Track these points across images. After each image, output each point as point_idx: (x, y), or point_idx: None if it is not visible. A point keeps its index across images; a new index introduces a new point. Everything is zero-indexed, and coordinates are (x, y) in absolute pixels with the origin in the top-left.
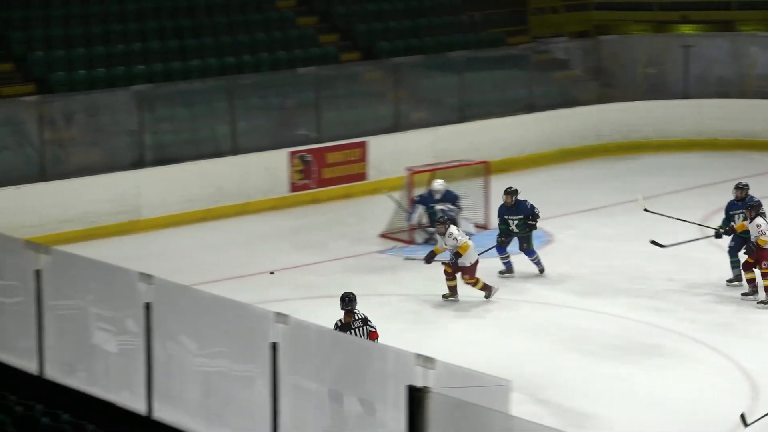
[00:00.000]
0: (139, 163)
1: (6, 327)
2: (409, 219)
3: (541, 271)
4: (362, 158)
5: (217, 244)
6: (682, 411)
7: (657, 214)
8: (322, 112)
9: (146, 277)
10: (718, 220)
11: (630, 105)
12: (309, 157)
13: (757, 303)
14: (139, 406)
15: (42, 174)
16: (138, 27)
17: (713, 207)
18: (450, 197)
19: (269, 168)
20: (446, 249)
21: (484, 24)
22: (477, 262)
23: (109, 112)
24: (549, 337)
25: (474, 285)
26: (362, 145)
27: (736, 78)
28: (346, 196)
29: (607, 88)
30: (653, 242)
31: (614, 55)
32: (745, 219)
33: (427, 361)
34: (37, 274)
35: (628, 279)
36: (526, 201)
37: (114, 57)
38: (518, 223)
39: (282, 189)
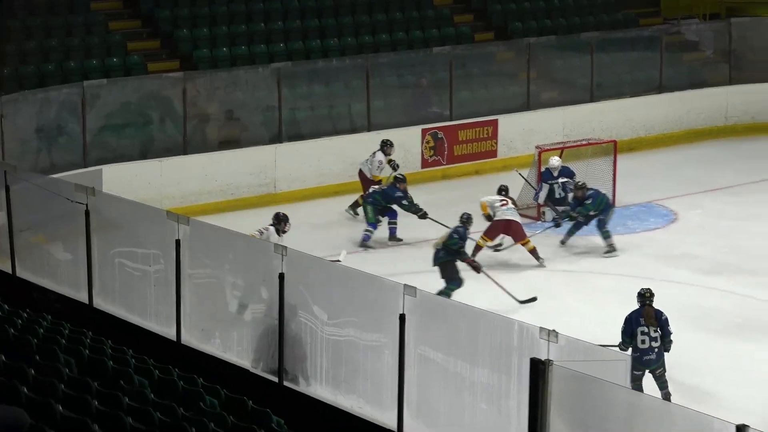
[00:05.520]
0: (276, 138)
1: (146, 294)
2: (536, 197)
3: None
4: (493, 136)
5: (350, 218)
6: None
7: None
8: (455, 91)
9: (281, 249)
10: None
11: (759, 87)
12: (441, 135)
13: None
14: (270, 372)
15: (184, 147)
16: (279, 6)
17: None
18: (567, 172)
19: (402, 144)
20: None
21: (616, 5)
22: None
23: (249, 88)
24: (672, 315)
25: None
26: (493, 123)
27: None
28: (476, 172)
29: (737, 70)
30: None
31: (744, 38)
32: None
33: (550, 334)
34: (177, 243)
35: (752, 258)
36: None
37: (255, 35)
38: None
39: (414, 165)
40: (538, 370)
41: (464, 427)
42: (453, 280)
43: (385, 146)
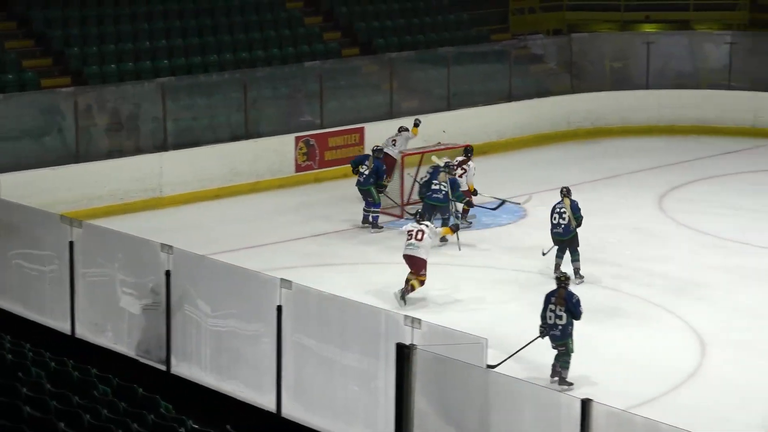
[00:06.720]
0: (162, 147)
1: (43, 292)
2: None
3: None
4: (360, 142)
5: (231, 219)
6: (640, 366)
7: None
8: (325, 101)
9: (167, 248)
10: (672, 197)
11: (597, 95)
12: (312, 141)
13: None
14: (158, 362)
15: (76, 156)
16: (163, 26)
17: (670, 185)
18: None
19: (277, 151)
20: None
21: (469, 23)
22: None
23: (136, 101)
24: (522, 301)
25: None
26: (360, 130)
27: (692, 71)
28: (345, 176)
29: (578, 80)
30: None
31: (584, 51)
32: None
33: (414, 321)
34: (71, 245)
35: (593, 249)
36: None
37: (141, 53)
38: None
39: (289, 169)
40: (403, 353)
41: (337, 406)
42: (577, 250)
43: (406, 130)
